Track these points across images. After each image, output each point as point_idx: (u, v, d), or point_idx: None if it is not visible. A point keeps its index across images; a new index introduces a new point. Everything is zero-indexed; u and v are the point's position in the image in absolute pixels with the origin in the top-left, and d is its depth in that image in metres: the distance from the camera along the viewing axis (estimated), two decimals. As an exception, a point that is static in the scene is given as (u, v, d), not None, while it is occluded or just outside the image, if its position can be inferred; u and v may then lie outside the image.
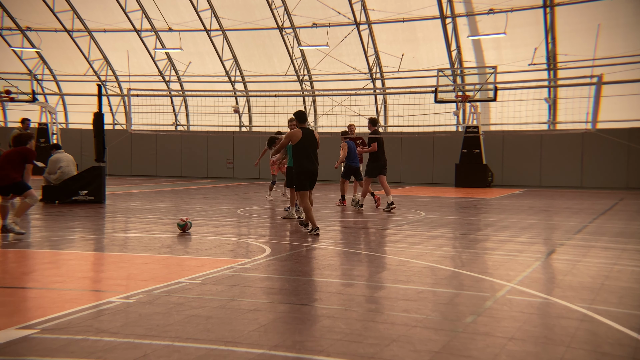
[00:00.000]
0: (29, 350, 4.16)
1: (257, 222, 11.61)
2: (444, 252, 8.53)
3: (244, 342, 4.38)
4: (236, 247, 8.72)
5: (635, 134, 23.06)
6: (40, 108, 29.25)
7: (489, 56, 26.23)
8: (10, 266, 7.23)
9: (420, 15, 25.82)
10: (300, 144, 10.12)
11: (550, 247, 9.11)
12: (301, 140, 10.11)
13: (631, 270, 7.26)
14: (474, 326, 4.86)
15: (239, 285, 6.18)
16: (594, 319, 5.10)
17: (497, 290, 6.14)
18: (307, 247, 8.66)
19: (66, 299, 5.55)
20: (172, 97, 31.84)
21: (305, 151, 10.11)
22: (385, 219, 12.39)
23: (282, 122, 28.53)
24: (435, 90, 24.62)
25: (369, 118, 15.04)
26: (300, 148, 10.11)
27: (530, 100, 24.19)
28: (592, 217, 13.13)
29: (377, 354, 4.19)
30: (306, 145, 10.13)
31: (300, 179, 10.11)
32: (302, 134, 10.12)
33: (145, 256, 7.86)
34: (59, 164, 14.88)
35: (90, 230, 10.40)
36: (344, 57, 27.91)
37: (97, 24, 30.43)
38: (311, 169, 10.13)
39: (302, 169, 10.08)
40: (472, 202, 17.14)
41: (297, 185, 10.16)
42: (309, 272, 6.98)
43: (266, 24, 28.24)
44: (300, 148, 10.11)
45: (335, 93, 27.72)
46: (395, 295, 5.86)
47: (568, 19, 24.21)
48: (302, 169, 10.08)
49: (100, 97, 15.15)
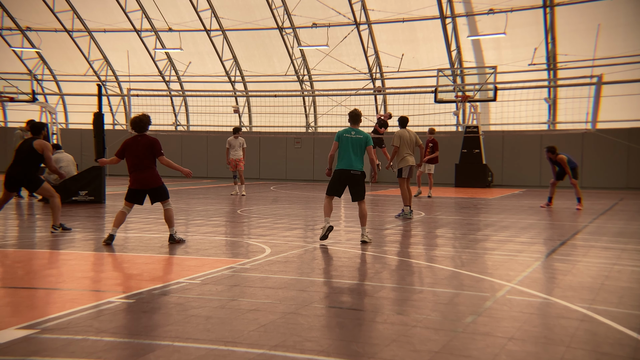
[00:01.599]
0: (29, 350, 4.16)
1: (257, 222, 11.61)
2: (444, 252, 8.53)
3: (244, 342, 4.38)
4: (236, 247, 8.72)
5: (635, 134, 23.07)
6: (40, 108, 29.24)
7: (488, 56, 26.23)
8: (11, 266, 7.23)
9: (420, 15, 25.83)
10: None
11: (550, 247, 9.11)
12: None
13: (631, 270, 7.26)
14: (474, 326, 4.86)
15: (239, 285, 6.18)
16: (594, 319, 5.10)
17: (497, 290, 6.14)
18: (307, 247, 8.66)
19: (66, 299, 5.55)
20: (172, 97, 31.85)
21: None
22: (385, 219, 12.38)
23: (282, 122, 28.58)
24: (435, 90, 24.63)
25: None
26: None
27: (530, 100, 24.20)
28: (592, 217, 13.12)
29: (377, 354, 4.19)
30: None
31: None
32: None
33: (145, 256, 7.86)
34: (59, 164, 14.88)
35: (90, 230, 10.40)
36: (344, 57, 27.91)
37: (97, 24, 30.43)
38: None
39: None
40: (472, 202, 17.14)
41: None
42: (309, 272, 6.98)
43: (266, 24, 28.25)
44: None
45: (335, 93, 27.73)
46: (396, 295, 5.86)
47: (568, 19, 24.22)
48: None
49: (100, 97, 15.15)
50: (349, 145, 9.01)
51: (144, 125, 9.05)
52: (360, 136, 9.06)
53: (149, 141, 8.88)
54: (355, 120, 9.23)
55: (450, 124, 26.73)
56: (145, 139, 8.92)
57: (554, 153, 14.90)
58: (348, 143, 9.01)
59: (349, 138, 9.03)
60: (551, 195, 15.36)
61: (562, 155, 14.89)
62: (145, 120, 9.08)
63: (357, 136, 9.05)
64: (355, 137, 9.04)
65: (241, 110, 30.59)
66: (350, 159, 8.98)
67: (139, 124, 9.03)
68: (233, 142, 18.06)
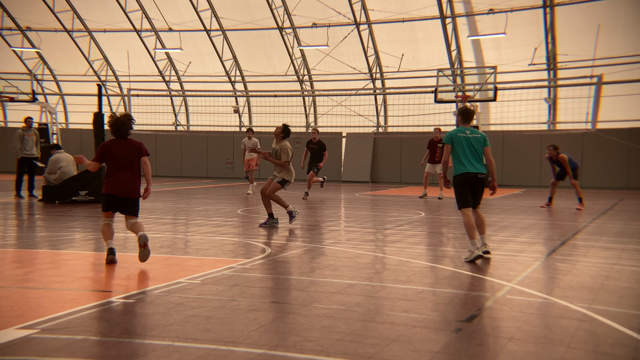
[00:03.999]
0: (29, 350, 4.16)
1: (257, 222, 11.60)
2: (444, 252, 8.53)
3: (244, 342, 4.38)
4: (236, 247, 8.72)
5: (635, 134, 23.06)
6: (40, 108, 29.26)
7: (488, 56, 26.23)
8: (10, 266, 7.23)
9: (420, 15, 25.82)
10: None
11: (550, 247, 9.11)
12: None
13: (631, 270, 7.26)
14: (474, 326, 4.86)
15: (239, 285, 6.17)
16: (594, 319, 5.10)
17: (497, 290, 6.14)
18: (307, 247, 8.66)
19: (66, 299, 5.55)
20: (172, 97, 31.85)
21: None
22: (385, 219, 12.38)
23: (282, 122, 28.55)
24: (435, 90, 24.60)
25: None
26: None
27: (530, 100, 24.20)
28: (592, 217, 13.12)
29: (377, 354, 4.19)
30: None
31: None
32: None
33: (145, 256, 7.84)
34: (59, 164, 14.89)
35: (90, 230, 10.39)
36: (344, 57, 27.91)
37: (97, 24, 30.43)
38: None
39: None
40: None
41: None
42: (309, 272, 6.98)
43: (266, 24, 28.24)
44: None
45: (335, 93, 27.72)
46: (395, 295, 5.86)
47: (568, 19, 24.21)
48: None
49: (100, 97, 15.15)
50: (466, 145, 7.93)
51: (126, 129, 7.50)
52: (478, 135, 8.01)
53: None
54: (468, 118, 8.16)
55: (450, 124, 26.71)
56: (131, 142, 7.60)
57: (556, 150, 14.98)
58: (464, 143, 7.92)
59: (463, 137, 7.93)
60: (551, 196, 15.37)
61: (564, 155, 14.94)
62: (127, 124, 7.49)
63: (474, 135, 7.98)
64: (472, 137, 7.96)
65: (241, 110, 30.58)
66: (471, 160, 7.98)
67: (120, 128, 7.46)
68: (247, 143, 18.48)
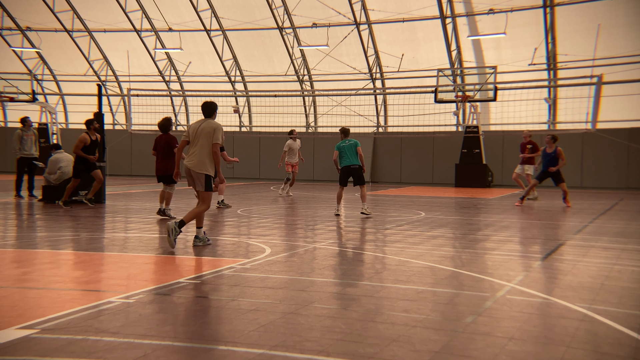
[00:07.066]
0: (29, 350, 4.16)
1: (257, 222, 11.61)
2: (444, 252, 8.53)
3: (244, 342, 4.38)
4: (236, 247, 8.72)
5: (635, 134, 23.06)
6: (40, 108, 29.26)
7: (489, 56, 26.23)
8: (11, 266, 7.23)
9: (420, 15, 25.83)
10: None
11: (550, 247, 9.11)
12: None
13: (631, 270, 7.26)
14: (474, 326, 4.86)
15: (239, 285, 6.17)
16: (594, 319, 5.10)
17: (497, 290, 6.14)
18: (307, 247, 8.66)
19: (66, 299, 5.55)
20: (172, 97, 31.85)
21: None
22: (385, 219, 12.38)
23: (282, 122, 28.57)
24: (435, 90, 24.63)
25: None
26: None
27: (530, 100, 24.20)
28: (592, 217, 13.12)
29: (377, 354, 4.19)
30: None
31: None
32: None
33: (145, 256, 7.86)
34: (59, 164, 14.89)
35: (90, 230, 10.39)
36: (344, 57, 27.91)
37: (97, 24, 30.44)
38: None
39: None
40: (472, 202, 17.14)
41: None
42: (308, 272, 6.98)
43: (266, 24, 28.25)
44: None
45: (335, 93, 27.73)
46: (395, 295, 5.86)
47: (568, 19, 24.22)
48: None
49: (100, 97, 15.15)
50: (345, 150, 12.87)
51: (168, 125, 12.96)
52: (352, 142, 12.98)
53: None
54: (347, 134, 13.17)
55: (451, 124, 26.74)
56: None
57: (554, 141, 15.26)
58: (345, 149, 12.88)
59: (345, 145, 12.90)
60: (525, 195, 15.75)
61: (560, 148, 15.27)
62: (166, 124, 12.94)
63: (350, 143, 12.94)
64: (349, 144, 12.93)
65: (241, 110, 30.59)
66: (350, 158, 12.78)
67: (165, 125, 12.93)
68: (293, 145, 17.62)
